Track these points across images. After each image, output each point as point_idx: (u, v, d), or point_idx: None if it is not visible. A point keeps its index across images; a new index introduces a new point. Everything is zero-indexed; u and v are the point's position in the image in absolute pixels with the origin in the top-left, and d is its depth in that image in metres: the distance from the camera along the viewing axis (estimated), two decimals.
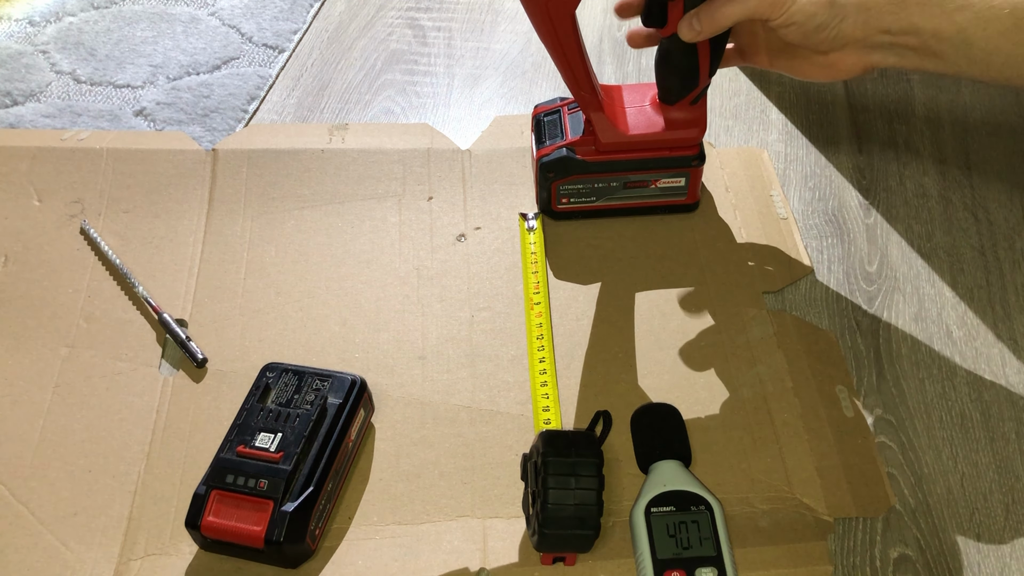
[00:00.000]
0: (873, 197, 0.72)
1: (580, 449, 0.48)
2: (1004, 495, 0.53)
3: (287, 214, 0.69)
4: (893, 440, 0.56)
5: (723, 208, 0.70)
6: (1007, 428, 0.57)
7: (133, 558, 0.50)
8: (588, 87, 0.59)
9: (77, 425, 0.56)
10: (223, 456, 0.49)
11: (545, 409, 0.56)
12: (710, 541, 0.47)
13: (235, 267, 0.65)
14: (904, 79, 0.83)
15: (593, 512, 0.46)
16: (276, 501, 0.47)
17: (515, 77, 0.84)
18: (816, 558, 0.50)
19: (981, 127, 0.78)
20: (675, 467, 0.51)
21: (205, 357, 0.59)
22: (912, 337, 0.62)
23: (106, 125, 0.78)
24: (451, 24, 0.91)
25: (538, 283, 0.63)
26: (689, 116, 0.63)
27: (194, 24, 0.90)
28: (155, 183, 0.71)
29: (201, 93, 0.81)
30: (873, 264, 0.67)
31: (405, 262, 0.66)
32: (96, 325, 0.61)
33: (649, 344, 0.61)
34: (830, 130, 0.78)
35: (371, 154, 0.74)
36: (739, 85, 0.83)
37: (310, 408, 0.51)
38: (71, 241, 0.67)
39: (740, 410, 0.57)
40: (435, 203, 0.70)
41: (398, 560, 0.50)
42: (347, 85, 0.83)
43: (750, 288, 0.64)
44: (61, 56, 0.86)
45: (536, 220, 0.68)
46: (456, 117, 0.80)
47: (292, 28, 0.89)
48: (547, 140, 0.65)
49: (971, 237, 0.69)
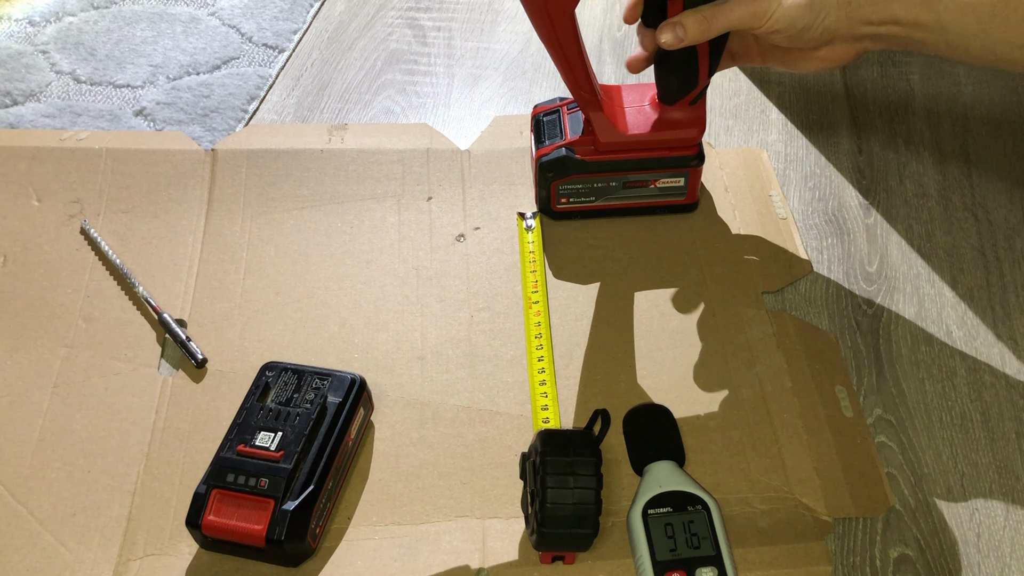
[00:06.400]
0: (873, 197, 0.72)
1: (579, 448, 0.48)
2: (1004, 495, 0.53)
3: (286, 214, 0.69)
4: (893, 440, 0.56)
5: (722, 208, 0.70)
6: (1007, 428, 0.57)
7: (132, 558, 0.50)
8: (588, 87, 0.59)
9: (76, 425, 0.56)
10: (223, 455, 0.49)
11: (544, 408, 0.56)
12: (709, 541, 0.47)
13: (234, 267, 0.65)
14: (904, 78, 0.83)
15: (592, 511, 0.46)
16: (277, 500, 0.47)
17: (515, 77, 0.84)
18: (815, 558, 0.50)
19: (981, 127, 0.78)
20: (670, 468, 0.51)
21: (205, 357, 0.59)
22: (912, 337, 0.62)
23: (106, 125, 0.78)
24: (451, 24, 0.91)
25: (536, 283, 0.63)
26: (688, 116, 0.63)
27: (194, 24, 0.90)
28: (154, 183, 0.71)
29: (201, 93, 0.81)
30: (873, 264, 0.67)
31: (404, 262, 0.66)
32: (95, 325, 0.61)
33: (648, 344, 0.61)
34: (830, 130, 0.78)
35: (370, 154, 0.74)
36: (739, 85, 0.83)
37: (310, 407, 0.51)
38: (70, 241, 0.67)
39: (739, 410, 0.57)
40: (434, 203, 0.70)
41: (397, 560, 0.50)
42: (347, 85, 0.83)
43: (749, 288, 0.64)
44: (61, 56, 0.86)
45: (534, 220, 0.68)
46: (456, 117, 0.80)
47: (292, 28, 0.89)
48: (546, 140, 0.65)
49: (971, 237, 0.68)
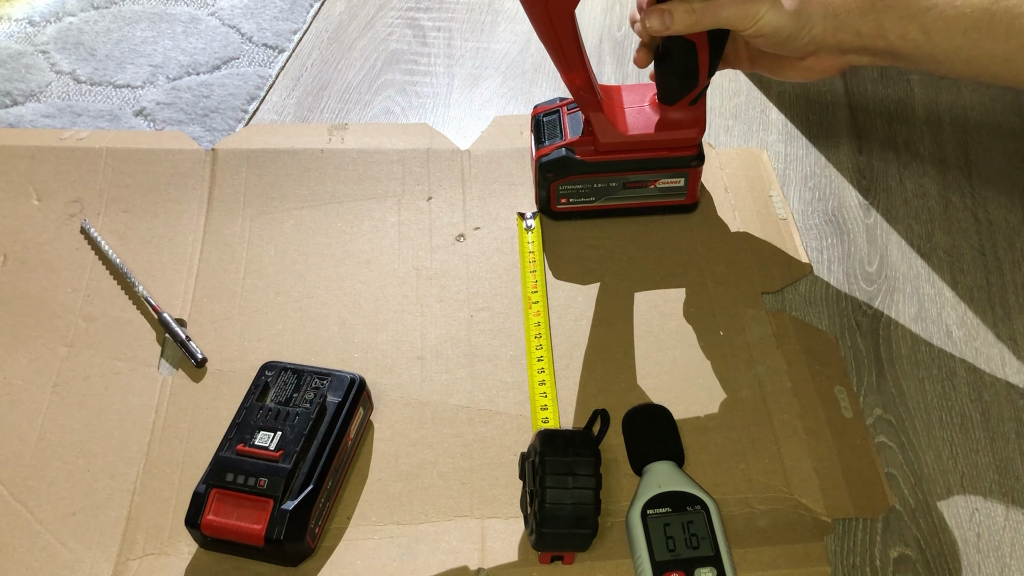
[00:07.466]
0: (873, 197, 0.72)
1: (578, 448, 0.48)
2: (1004, 495, 0.53)
3: (286, 214, 0.69)
4: (893, 440, 0.56)
5: (722, 208, 0.70)
6: (1007, 428, 0.57)
7: (132, 558, 0.50)
8: (587, 87, 0.59)
9: (76, 425, 0.56)
10: (223, 455, 0.49)
11: (543, 408, 0.56)
12: (708, 541, 0.47)
13: (234, 267, 0.65)
14: (904, 79, 0.83)
15: (591, 511, 0.46)
16: (276, 499, 0.47)
17: (515, 77, 0.84)
18: (815, 559, 0.50)
19: (981, 127, 0.78)
20: (669, 468, 0.51)
21: (204, 357, 0.59)
22: (912, 337, 0.62)
23: (106, 125, 0.78)
24: (451, 24, 0.91)
25: (536, 283, 0.63)
26: (688, 116, 0.63)
27: (194, 24, 0.90)
28: (154, 183, 0.71)
29: (201, 93, 0.81)
30: (873, 264, 0.67)
31: (404, 262, 0.66)
32: (95, 325, 0.61)
33: (648, 344, 0.61)
34: (830, 130, 0.78)
35: (370, 154, 0.74)
36: (739, 85, 0.83)
37: (309, 406, 0.51)
38: (70, 240, 0.67)
39: (739, 411, 0.57)
40: (434, 203, 0.70)
41: (396, 560, 0.50)
42: (347, 85, 0.83)
43: (749, 288, 0.64)
44: (61, 56, 0.86)
45: (534, 220, 0.68)
46: (456, 117, 0.80)
47: (292, 28, 0.89)
48: (546, 140, 0.65)
49: (971, 237, 0.68)
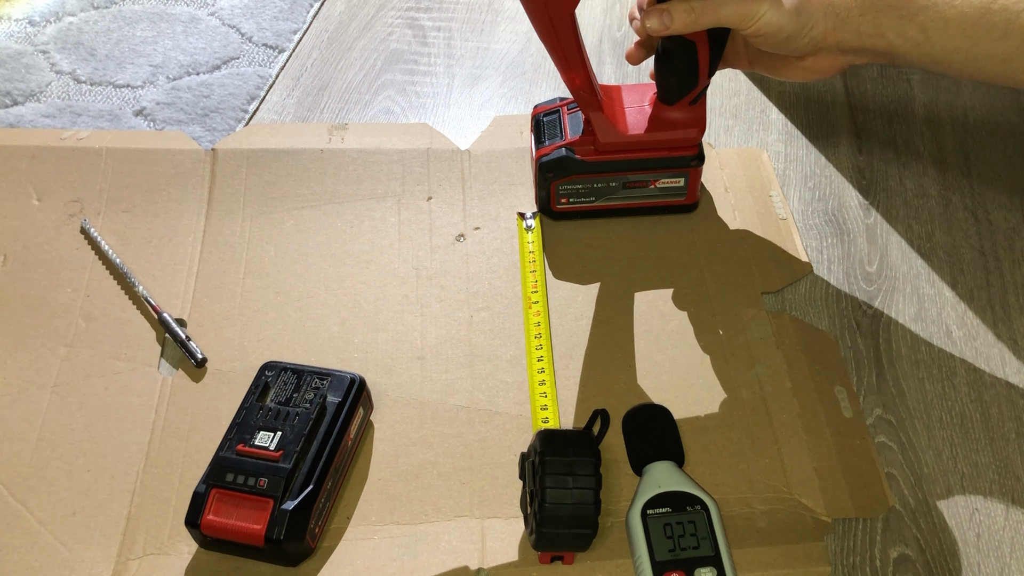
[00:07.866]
0: (873, 197, 0.72)
1: (578, 448, 0.48)
2: (1004, 495, 0.53)
3: (286, 214, 0.69)
4: (893, 440, 0.56)
5: (722, 208, 0.70)
6: (1007, 428, 0.57)
7: (132, 558, 0.50)
8: (587, 87, 0.59)
9: (76, 424, 0.56)
10: (223, 455, 0.49)
11: (543, 408, 0.56)
12: (707, 541, 0.47)
13: (234, 267, 0.65)
14: (904, 79, 0.83)
15: (591, 511, 0.46)
16: (276, 499, 0.47)
17: (515, 77, 0.84)
18: (814, 559, 0.50)
19: (981, 127, 0.78)
20: (669, 468, 0.51)
21: (204, 357, 0.59)
22: (912, 337, 0.62)
23: (106, 125, 0.78)
24: (451, 24, 0.91)
25: (536, 283, 0.63)
26: (688, 116, 0.63)
27: (194, 24, 0.90)
28: (154, 183, 0.71)
29: (201, 93, 0.81)
30: (873, 264, 0.67)
31: (404, 262, 0.66)
32: (95, 324, 0.61)
33: (648, 344, 0.61)
34: (830, 130, 0.78)
35: (370, 154, 0.74)
36: (739, 85, 0.83)
37: (309, 406, 0.51)
38: (70, 240, 0.67)
39: (739, 411, 0.57)
40: (434, 203, 0.70)
41: (396, 560, 0.50)
42: (347, 85, 0.83)
43: (749, 288, 0.64)
44: (61, 56, 0.86)
45: (534, 219, 0.68)
46: (456, 117, 0.80)
47: (292, 28, 0.89)
48: (546, 140, 0.65)
49: (971, 237, 0.68)
